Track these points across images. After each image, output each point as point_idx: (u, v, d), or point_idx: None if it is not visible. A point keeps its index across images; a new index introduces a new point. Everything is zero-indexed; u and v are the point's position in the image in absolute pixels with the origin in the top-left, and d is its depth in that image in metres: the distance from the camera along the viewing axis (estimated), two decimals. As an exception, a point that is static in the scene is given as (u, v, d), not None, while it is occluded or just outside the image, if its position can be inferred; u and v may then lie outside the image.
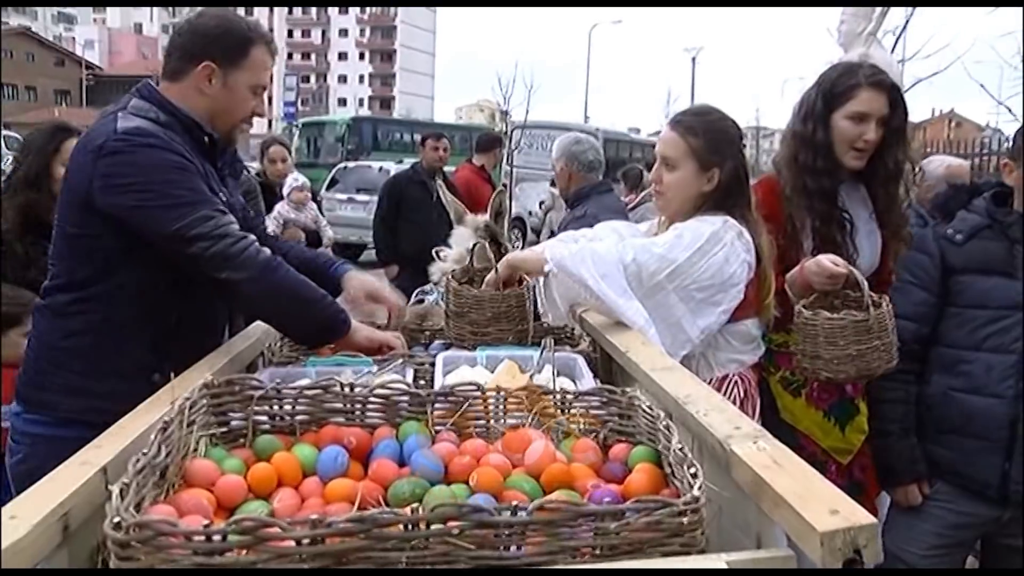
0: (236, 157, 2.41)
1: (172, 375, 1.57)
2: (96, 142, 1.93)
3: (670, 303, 2.09)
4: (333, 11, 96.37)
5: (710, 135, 2.25)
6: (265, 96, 2.26)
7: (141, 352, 1.99)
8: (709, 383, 1.88)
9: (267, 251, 1.99)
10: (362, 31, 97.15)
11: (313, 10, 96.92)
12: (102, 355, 1.98)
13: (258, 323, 2.30)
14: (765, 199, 2.42)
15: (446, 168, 7.09)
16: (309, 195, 6.44)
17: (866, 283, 2.14)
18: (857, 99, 2.38)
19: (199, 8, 2.30)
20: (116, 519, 0.97)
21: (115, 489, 1.02)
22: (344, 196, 15.58)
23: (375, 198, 14.97)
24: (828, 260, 2.17)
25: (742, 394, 2.21)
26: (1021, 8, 11.77)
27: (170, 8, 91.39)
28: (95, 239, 1.96)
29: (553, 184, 7.11)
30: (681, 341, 2.10)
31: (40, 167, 3.03)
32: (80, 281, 1.98)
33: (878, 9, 8.22)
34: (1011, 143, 2.38)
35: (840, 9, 8.38)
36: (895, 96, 2.41)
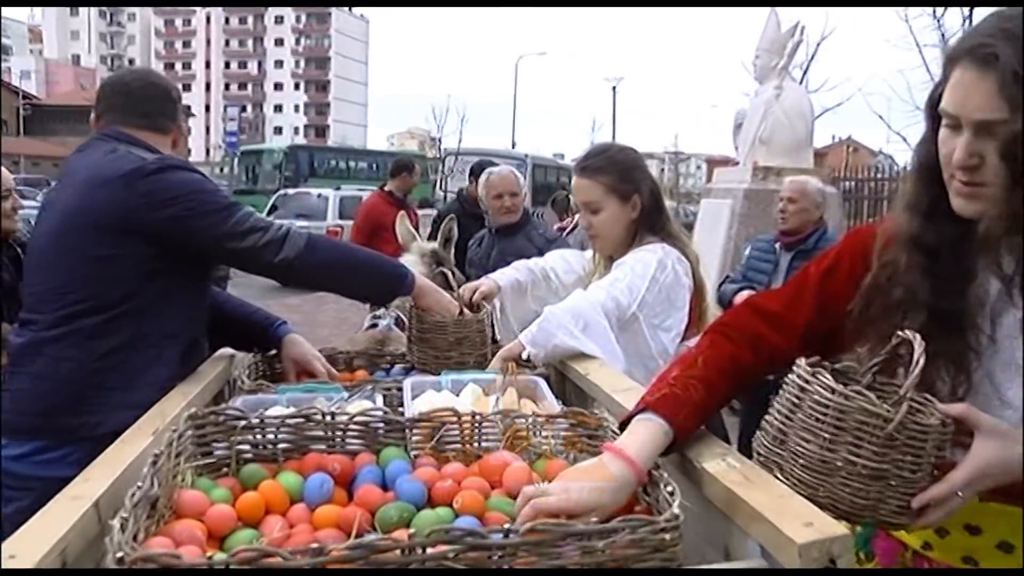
0: None
1: None
2: (121, 170, 1.97)
3: (641, 332, 2.12)
4: (269, 43, 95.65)
5: (617, 167, 2.30)
6: (203, 126, 2.47)
7: (173, 363, 2.00)
8: None
9: (305, 231, 2.15)
10: (297, 62, 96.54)
11: (250, 42, 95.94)
12: (138, 369, 1.96)
13: (223, 350, 2.26)
14: None
15: (357, 193, 7.02)
16: None
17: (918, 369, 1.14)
18: None
19: (144, 67, 2.54)
20: (119, 554, 0.94)
21: (116, 523, 0.99)
22: (285, 222, 15.30)
23: (315, 224, 14.98)
24: None
25: None
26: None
27: (108, 39, 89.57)
28: (127, 259, 1.97)
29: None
30: (651, 368, 2.12)
31: None
32: (110, 302, 1.97)
33: (789, 44, 8.54)
34: None
35: (755, 45, 8.67)
36: None
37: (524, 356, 2.03)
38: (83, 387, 1.95)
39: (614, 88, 42.45)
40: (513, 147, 34.50)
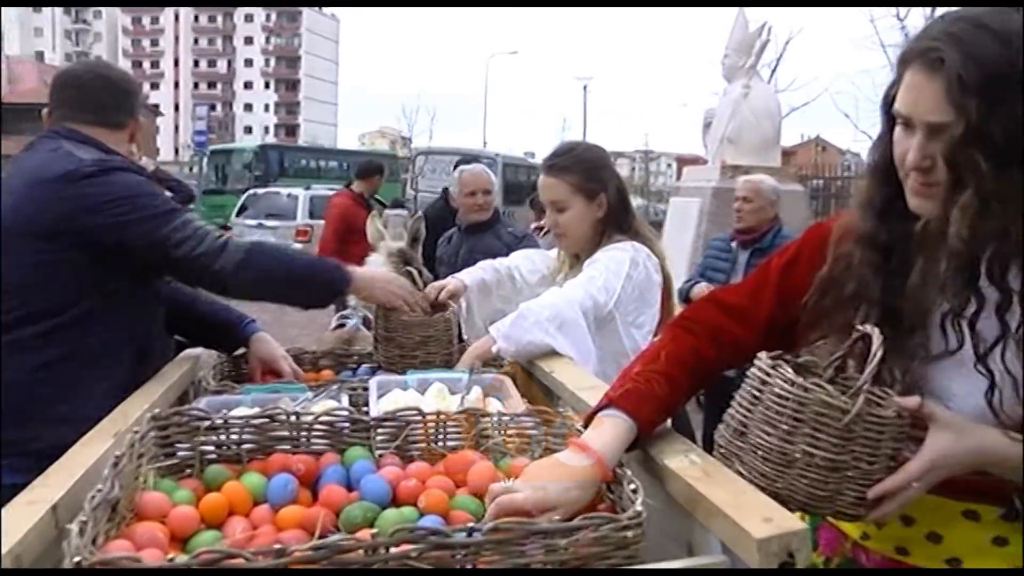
0: None
1: None
2: (56, 172, 1.89)
3: (616, 331, 2.12)
4: (239, 41, 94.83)
5: (583, 166, 2.31)
6: (172, 125, 2.41)
7: (119, 375, 1.91)
8: None
9: (246, 239, 2.07)
10: (267, 61, 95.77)
11: (219, 40, 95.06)
12: (80, 382, 1.88)
13: (187, 351, 2.24)
14: None
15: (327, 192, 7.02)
16: None
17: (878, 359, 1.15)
18: None
19: (99, 59, 2.45)
20: (77, 558, 0.93)
21: (74, 527, 0.98)
22: (254, 222, 15.30)
23: (284, 223, 14.89)
24: None
25: None
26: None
27: (73, 36, 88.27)
28: (63, 266, 1.89)
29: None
30: (624, 366, 2.13)
31: None
32: (47, 312, 1.88)
33: (757, 44, 8.61)
34: None
35: (724, 44, 8.74)
36: None
37: (494, 350, 2.03)
38: (22, 400, 1.87)
39: (585, 87, 42.63)
40: (484, 146, 34.50)
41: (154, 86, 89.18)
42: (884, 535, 1.36)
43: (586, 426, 1.31)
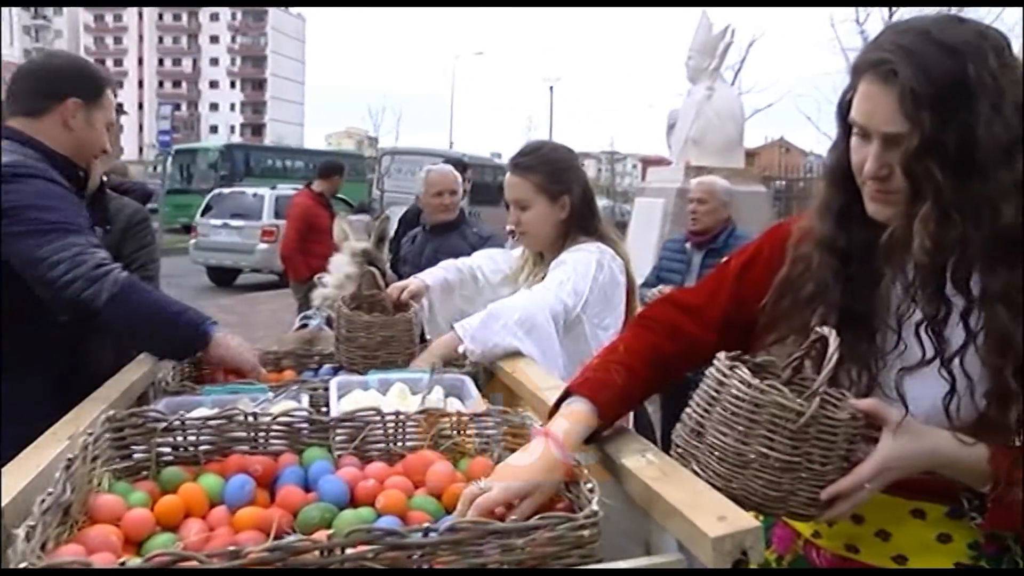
0: (99, 195, 2.36)
1: None
2: None
3: (583, 333, 2.13)
4: (204, 40, 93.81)
5: (548, 167, 2.32)
6: (136, 124, 2.29)
7: (42, 392, 1.85)
8: None
9: (126, 274, 1.93)
10: (233, 60, 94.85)
11: (184, 39, 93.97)
12: None
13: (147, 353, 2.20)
14: None
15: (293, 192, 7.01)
16: None
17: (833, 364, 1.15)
18: None
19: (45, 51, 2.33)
20: (23, 564, 0.91)
21: (20, 532, 0.96)
22: (219, 222, 15.12)
23: (250, 223, 14.73)
24: None
25: None
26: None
27: (33, 33, 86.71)
28: None
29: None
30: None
31: None
32: None
33: (721, 46, 8.69)
34: None
35: (688, 46, 8.80)
36: None
37: (460, 350, 2.02)
38: None
39: (551, 88, 42.72)
40: (451, 146, 34.45)
41: (118, 84, 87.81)
42: (835, 533, 1.38)
43: (550, 420, 1.32)
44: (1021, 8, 11.47)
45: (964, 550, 1.29)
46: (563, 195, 2.30)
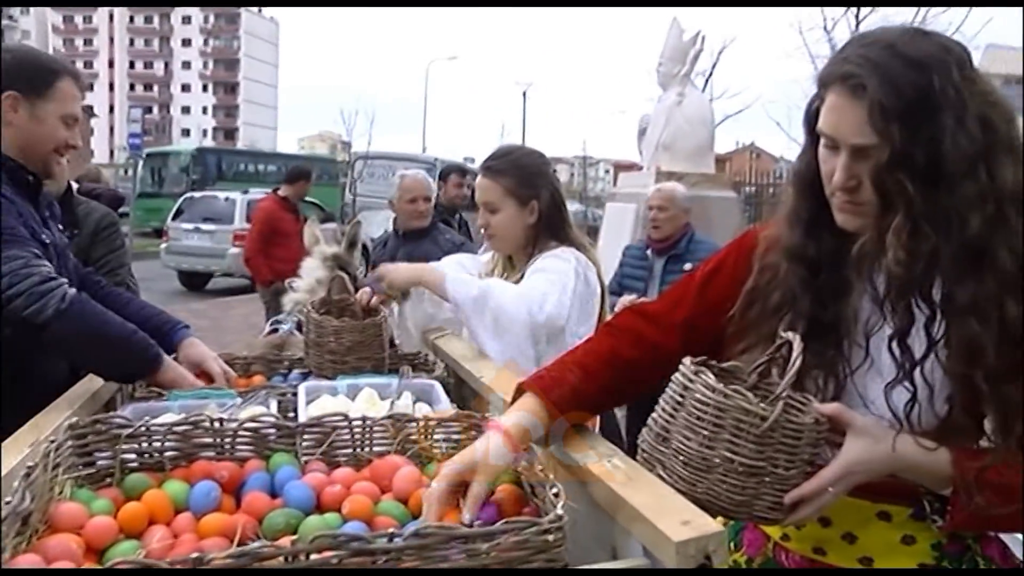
0: (67, 198, 2.28)
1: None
2: None
3: (564, 343, 2.13)
4: (176, 43, 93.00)
5: (518, 171, 2.33)
6: (107, 127, 2.17)
7: None
8: None
9: (74, 291, 1.86)
10: (205, 63, 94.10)
11: (155, 42, 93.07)
12: None
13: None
14: None
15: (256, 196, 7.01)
16: None
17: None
18: None
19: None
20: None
21: (-23, 541, 0.95)
22: (191, 226, 14.97)
23: (222, 228, 14.61)
24: None
25: None
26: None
27: None
28: None
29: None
30: None
31: None
32: None
33: (692, 52, 8.74)
34: None
35: (659, 52, 8.84)
36: None
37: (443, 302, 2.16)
38: None
39: (524, 93, 42.75)
40: (423, 151, 34.35)
41: (88, 87, 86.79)
42: (803, 535, 1.39)
43: None
44: (1021, 8, 11.56)
45: (928, 551, 1.32)
46: (532, 200, 2.31)
